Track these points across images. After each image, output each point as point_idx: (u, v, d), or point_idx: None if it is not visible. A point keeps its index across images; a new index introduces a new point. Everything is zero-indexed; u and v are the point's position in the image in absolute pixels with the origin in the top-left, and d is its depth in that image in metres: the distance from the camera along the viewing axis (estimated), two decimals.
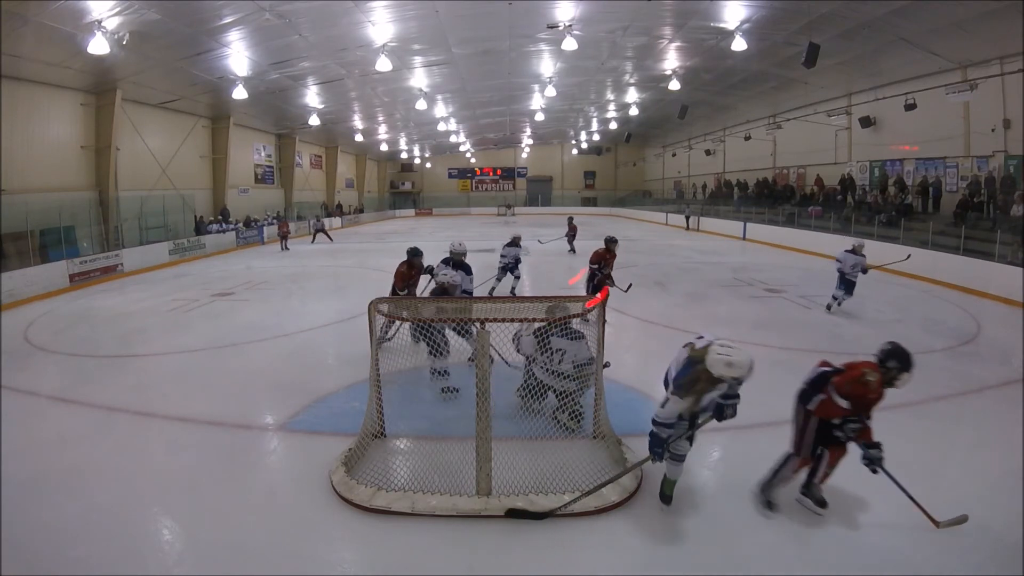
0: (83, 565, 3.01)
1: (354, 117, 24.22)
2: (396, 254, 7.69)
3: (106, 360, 6.88)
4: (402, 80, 18.29)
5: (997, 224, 11.32)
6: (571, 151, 40.65)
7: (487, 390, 3.57)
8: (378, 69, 14.23)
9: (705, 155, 27.50)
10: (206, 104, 18.66)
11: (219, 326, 8.42)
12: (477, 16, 13.09)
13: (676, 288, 11.01)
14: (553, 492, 3.52)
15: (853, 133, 17.67)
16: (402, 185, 43.56)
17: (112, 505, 3.58)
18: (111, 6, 10.23)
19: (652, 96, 21.94)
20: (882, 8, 11.31)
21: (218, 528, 3.36)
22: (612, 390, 4.69)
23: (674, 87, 17.63)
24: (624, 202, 38.09)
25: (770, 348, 6.85)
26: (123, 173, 15.70)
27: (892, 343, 3.19)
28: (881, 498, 3.56)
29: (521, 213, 39.78)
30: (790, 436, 3.45)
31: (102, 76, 13.90)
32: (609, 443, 4.10)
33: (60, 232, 13.12)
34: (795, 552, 3.12)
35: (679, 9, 12.85)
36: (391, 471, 3.83)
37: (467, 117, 27.05)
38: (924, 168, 15.00)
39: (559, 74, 18.76)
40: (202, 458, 4.23)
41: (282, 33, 12.80)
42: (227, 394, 5.49)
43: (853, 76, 15.74)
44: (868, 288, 10.92)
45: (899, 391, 3.20)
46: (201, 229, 18.95)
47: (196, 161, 19.99)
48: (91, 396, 5.56)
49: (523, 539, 3.23)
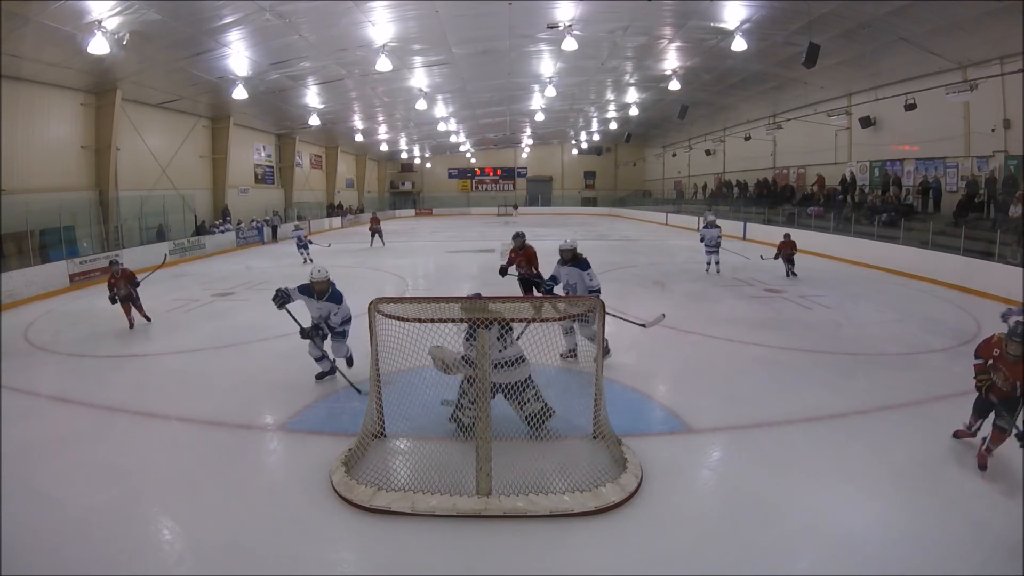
0: (83, 565, 3.00)
1: (354, 117, 24.23)
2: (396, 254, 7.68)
3: (106, 360, 6.88)
4: (402, 80, 18.29)
5: (997, 224, 11.32)
6: (571, 151, 40.63)
7: (487, 390, 3.57)
8: (378, 69, 14.23)
9: (705, 155, 27.49)
10: (206, 104, 18.65)
11: (219, 326, 8.42)
12: (477, 16, 13.09)
13: (676, 288, 11.01)
14: (553, 492, 3.52)
15: (853, 133, 17.66)
16: (402, 185, 43.55)
17: (112, 505, 3.58)
18: (111, 6, 10.22)
19: (652, 96, 21.93)
20: (882, 8, 11.30)
21: (218, 528, 3.36)
22: (612, 390, 4.70)
23: (674, 87, 17.64)
24: (624, 202, 38.08)
25: (770, 348, 6.86)
26: (123, 173, 15.69)
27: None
28: (881, 498, 3.56)
29: (521, 213, 39.78)
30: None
31: (102, 76, 13.90)
32: (609, 443, 4.10)
33: (60, 232, 13.11)
34: (795, 552, 3.12)
35: (679, 9, 12.84)
36: (391, 471, 3.83)
37: (467, 117, 27.05)
38: (924, 168, 14.99)
39: (559, 74, 18.76)
40: (202, 458, 4.23)
41: (282, 33, 12.80)
42: (227, 394, 5.49)
43: (853, 76, 15.73)
44: (868, 288, 10.95)
45: (899, 391, 3.20)
46: (203, 232, 18.95)
47: (196, 161, 19.98)
48: (91, 396, 5.56)
49: (523, 539, 3.23)
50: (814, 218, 17.39)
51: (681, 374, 6.08)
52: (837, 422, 4.70)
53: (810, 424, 4.67)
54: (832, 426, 4.63)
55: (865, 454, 4.11)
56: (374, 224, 20.57)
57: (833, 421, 4.71)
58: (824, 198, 18.39)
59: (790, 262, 11.83)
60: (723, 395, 5.30)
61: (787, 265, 11.85)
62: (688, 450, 4.32)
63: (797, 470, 3.94)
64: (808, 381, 5.73)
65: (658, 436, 4.54)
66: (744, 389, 5.47)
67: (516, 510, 3.42)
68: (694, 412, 4.87)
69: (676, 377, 6.02)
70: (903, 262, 12.44)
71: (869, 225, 14.67)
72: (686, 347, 7.08)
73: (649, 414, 5.04)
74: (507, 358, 4.23)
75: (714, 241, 12.25)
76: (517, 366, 4.27)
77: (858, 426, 4.63)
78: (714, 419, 4.77)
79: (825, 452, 4.20)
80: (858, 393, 5.26)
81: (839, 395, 5.26)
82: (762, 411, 4.92)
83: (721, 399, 5.20)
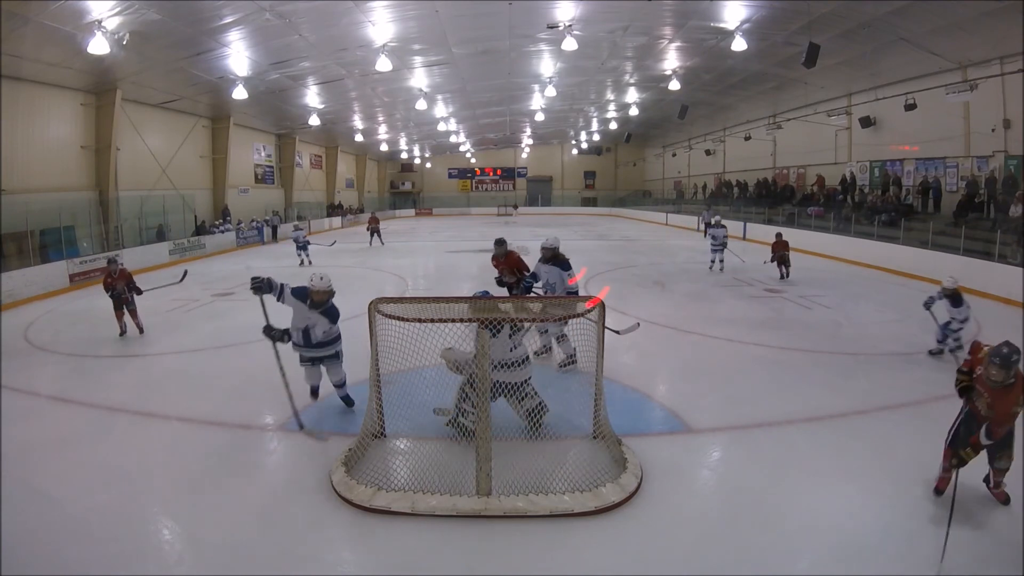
0: (83, 565, 3.00)
1: (354, 117, 24.22)
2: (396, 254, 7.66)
3: (106, 360, 6.88)
4: (402, 80, 18.29)
5: (997, 224, 11.32)
6: (571, 151, 40.63)
7: (487, 390, 3.57)
8: (378, 69, 14.23)
9: (705, 155, 27.49)
10: (206, 104, 18.65)
11: (219, 326, 8.42)
12: (477, 16, 13.09)
13: (676, 288, 11.01)
14: (553, 492, 3.52)
15: (853, 133, 17.66)
16: (402, 185, 43.54)
17: (112, 505, 3.58)
18: (111, 6, 10.22)
19: (652, 96, 21.93)
20: (882, 8, 11.30)
21: (218, 528, 3.36)
22: (612, 390, 4.70)
23: (674, 87, 17.63)
24: (624, 202, 38.09)
25: (770, 348, 6.86)
26: (123, 173, 15.68)
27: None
28: (881, 498, 3.56)
29: (521, 213, 39.79)
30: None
31: (102, 76, 13.90)
32: (609, 443, 4.10)
33: (60, 232, 13.11)
34: (795, 552, 3.12)
35: (679, 9, 12.84)
36: (391, 471, 3.83)
37: (467, 117, 27.04)
38: (924, 168, 14.99)
39: (559, 74, 18.76)
40: (202, 458, 4.23)
41: (282, 33, 12.80)
42: (227, 394, 5.49)
43: (853, 76, 15.73)
44: (868, 288, 10.95)
45: (899, 391, 3.20)
46: (203, 232, 18.95)
47: (196, 161, 19.98)
48: (91, 396, 5.56)
49: (523, 539, 3.23)
50: (814, 218, 17.40)
51: (681, 374, 6.08)
52: (837, 422, 4.70)
53: (810, 424, 4.67)
54: (832, 426, 4.63)
55: (865, 454, 4.11)
56: (373, 223, 20.96)
57: (833, 421, 4.72)
58: (824, 198, 18.39)
59: (784, 263, 11.63)
60: (723, 395, 5.30)
61: (780, 267, 11.66)
62: (688, 450, 4.32)
63: (797, 470, 3.94)
64: (808, 381, 5.73)
65: (658, 436, 4.54)
66: (744, 389, 5.47)
67: (516, 510, 3.42)
68: (694, 412, 4.88)
69: (676, 377, 6.02)
70: (903, 262, 12.45)
71: (869, 225, 14.67)
72: (686, 347, 7.08)
73: (649, 414, 5.04)
74: (517, 358, 4.26)
75: (720, 240, 12.67)
76: (524, 366, 4.30)
77: (858, 426, 4.63)
78: (714, 419, 4.77)
79: (825, 452, 4.20)
80: (858, 393, 5.26)
81: (839, 395, 5.26)
82: (762, 411, 4.92)
83: (721, 399, 5.20)
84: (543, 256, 6.29)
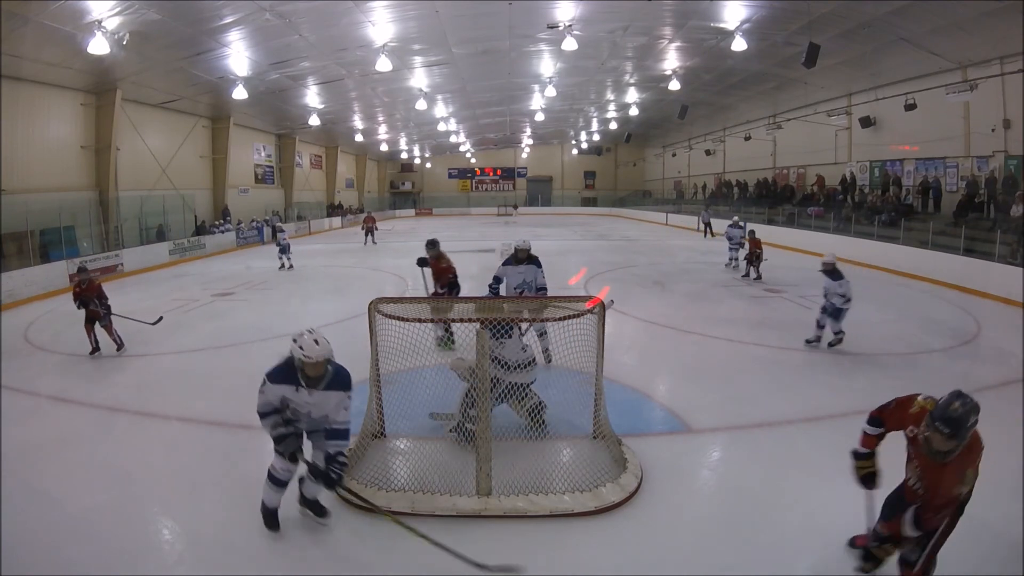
0: (83, 565, 3.00)
1: (354, 117, 24.23)
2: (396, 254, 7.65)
3: (106, 360, 6.87)
4: (402, 80, 18.29)
5: (997, 224, 11.32)
6: (571, 151, 40.63)
7: (487, 390, 3.57)
8: (378, 69, 14.23)
9: (705, 155, 27.48)
10: (206, 104, 18.65)
11: (219, 326, 8.42)
12: (477, 16, 13.09)
13: (676, 288, 11.01)
14: (553, 492, 3.52)
15: (853, 133, 17.66)
16: (402, 185, 43.54)
17: (112, 505, 3.58)
18: (111, 6, 10.23)
19: (652, 96, 21.93)
20: (882, 8, 11.30)
21: (218, 528, 3.36)
22: (612, 390, 4.69)
23: (674, 87, 17.63)
24: (624, 202, 38.08)
25: (770, 348, 6.87)
26: (123, 173, 15.69)
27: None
28: (881, 498, 3.55)
29: (521, 213, 39.77)
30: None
31: (102, 76, 13.90)
32: (609, 443, 4.10)
33: (60, 232, 13.12)
34: (795, 552, 3.12)
35: (679, 9, 12.85)
36: (391, 471, 3.83)
37: (467, 117, 27.05)
38: (924, 168, 14.99)
39: (559, 74, 18.76)
40: (202, 458, 4.23)
41: (282, 33, 12.80)
42: (227, 394, 5.48)
43: (853, 76, 15.73)
44: (868, 288, 10.93)
45: (899, 391, 3.19)
46: (203, 232, 18.95)
47: (196, 161, 19.98)
48: (91, 396, 5.56)
49: (523, 539, 3.23)
50: (814, 218, 17.40)
51: (681, 374, 6.08)
52: (837, 422, 4.69)
53: (810, 424, 4.68)
54: (832, 426, 4.62)
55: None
56: (369, 223, 21.56)
57: (833, 421, 4.71)
58: (824, 198, 18.40)
59: (756, 261, 11.54)
60: (723, 395, 5.30)
61: (749, 266, 11.66)
62: (688, 450, 4.32)
63: (797, 470, 3.94)
64: (808, 381, 5.73)
65: (658, 436, 4.54)
66: (744, 389, 5.47)
67: (516, 510, 3.42)
68: (694, 412, 4.88)
69: (676, 377, 6.03)
70: (903, 262, 12.46)
71: (869, 225, 14.68)
72: (686, 347, 7.08)
73: (649, 414, 5.04)
74: (527, 359, 4.28)
75: (737, 240, 13.00)
76: (534, 367, 4.33)
77: (858, 426, 4.58)
78: (714, 419, 4.77)
79: (825, 452, 4.18)
80: (858, 393, 5.26)
81: (839, 395, 5.27)
82: (762, 411, 4.92)
83: (721, 399, 5.20)
84: (517, 256, 6.35)
